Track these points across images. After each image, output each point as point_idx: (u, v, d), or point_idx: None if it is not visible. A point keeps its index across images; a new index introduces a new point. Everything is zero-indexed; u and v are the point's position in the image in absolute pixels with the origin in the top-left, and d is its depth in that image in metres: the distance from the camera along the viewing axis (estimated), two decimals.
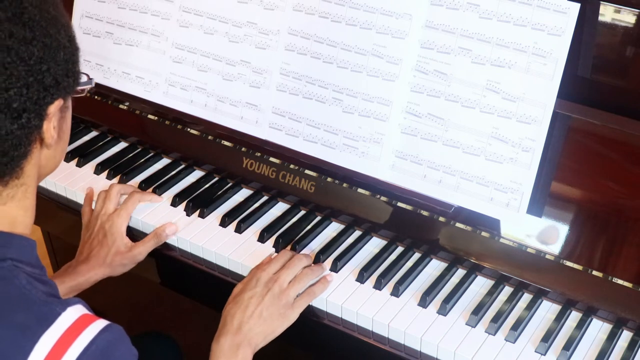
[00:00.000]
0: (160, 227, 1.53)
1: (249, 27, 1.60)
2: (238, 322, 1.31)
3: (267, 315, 1.32)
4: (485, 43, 1.37)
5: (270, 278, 1.37)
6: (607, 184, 1.34)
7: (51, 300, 0.99)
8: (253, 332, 1.31)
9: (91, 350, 0.96)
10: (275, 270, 1.38)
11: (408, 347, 1.32)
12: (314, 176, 1.55)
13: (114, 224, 1.51)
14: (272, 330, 1.32)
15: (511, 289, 1.38)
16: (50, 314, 0.97)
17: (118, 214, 1.52)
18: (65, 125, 1.11)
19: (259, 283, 1.36)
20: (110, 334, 0.99)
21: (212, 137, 1.67)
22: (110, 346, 0.98)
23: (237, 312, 1.32)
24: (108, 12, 1.77)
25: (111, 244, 1.49)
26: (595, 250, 1.33)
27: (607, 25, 1.34)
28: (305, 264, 1.41)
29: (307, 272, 1.39)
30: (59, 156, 1.13)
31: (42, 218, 1.88)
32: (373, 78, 1.47)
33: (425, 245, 1.46)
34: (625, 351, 1.27)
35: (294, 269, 1.38)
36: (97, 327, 0.98)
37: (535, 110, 1.34)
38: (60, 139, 1.10)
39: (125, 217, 1.53)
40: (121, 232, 1.51)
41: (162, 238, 1.52)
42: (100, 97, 1.82)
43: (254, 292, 1.34)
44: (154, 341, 1.71)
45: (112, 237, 1.50)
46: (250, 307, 1.32)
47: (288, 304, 1.35)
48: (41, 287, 1.01)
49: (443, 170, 1.42)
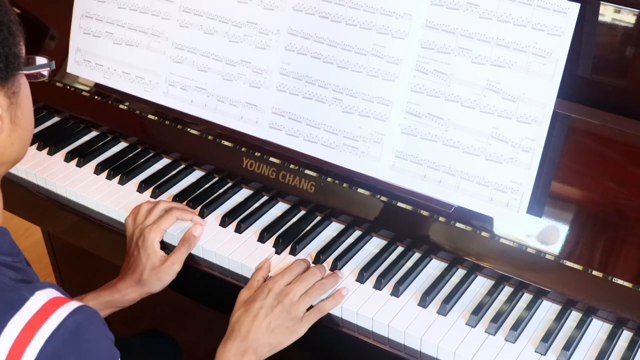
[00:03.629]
0: (188, 232, 1.49)
1: (249, 27, 1.60)
2: (246, 330, 1.31)
3: (275, 327, 1.32)
4: (485, 43, 1.37)
5: (282, 290, 1.35)
6: (607, 184, 1.34)
7: (19, 285, 0.98)
8: (259, 342, 1.30)
9: (60, 332, 0.94)
10: (287, 282, 1.37)
11: (408, 347, 1.32)
12: (314, 176, 1.55)
13: (147, 240, 1.47)
14: (279, 342, 1.32)
15: (511, 289, 1.38)
16: (18, 299, 0.96)
17: (151, 229, 1.47)
18: (19, 112, 1.09)
19: (270, 294, 1.34)
20: (80, 316, 0.97)
21: (212, 137, 1.67)
22: (80, 328, 0.96)
23: (246, 320, 1.32)
24: (108, 12, 1.77)
25: (145, 261, 1.46)
26: (595, 250, 1.33)
27: (607, 25, 1.34)
28: (319, 278, 1.39)
29: (319, 286, 1.37)
30: (18, 144, 1.11)
31: (42, 218, 1.90)
32: (373, 78, 1.47)
33: (425, 245, 1.46)
34: (625, 351, 1.27)
35: (307, 283, 1.37)
36: (67, 309, 0.97)
37: (535, 110, 1.34)
38: (17, 125, 1.08)
39: (159, 232, 1.48)
40: (154, 247, 1.47)
41: (192, 242, 1.49)
42: (100, 97, 1.82)
43: (264, 303, 1.33)
44: (154, 340, 1.71)
45: (145, 253, 1.46)
46: (259, 317, 1.32)
47: (297, 317, 1.34)
48: (10, 274, 1.00)
49: (443, 170, 1.42)
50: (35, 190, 1.74)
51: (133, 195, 1.64)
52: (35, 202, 1.75)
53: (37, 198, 1.73)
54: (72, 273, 2.33)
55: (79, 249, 2.05)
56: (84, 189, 1.67)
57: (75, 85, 1.86)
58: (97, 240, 1.75)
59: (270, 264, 1.44)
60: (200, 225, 1.51)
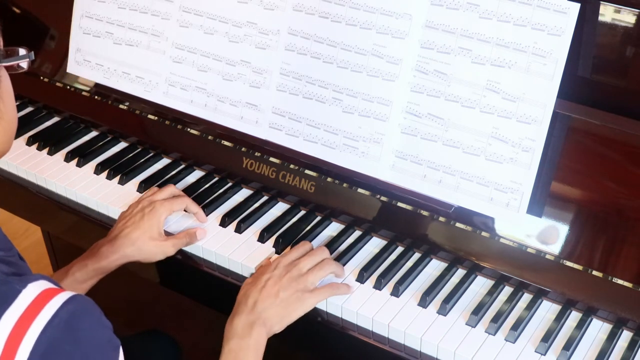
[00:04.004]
0: (193, 229, 1.50)
1: (249, 27, 1.60)
2: (253, 301, 1.30)
3: (284, 296, 1.31)
4: (485, 43, 1.37)
5: (290, 262, 1.37)
6: (607, 184, 1.34)
7: (11, 279, 0.97)
8: (268, 313, 1.29)
9: (55, 322, 0.93)
10: (295, 258, 1.39)
11: (408, 347, 1.32)
12: (314, 176, 1.55)
13: (156, 210, 1.47)
14: (288, 313, 1.31)
15: (511, 289, 1.38)
16: (10, 293, 0.95)
17: (162, 204, 1.48)
18: (2, 105, 1.07)
19: (279, 267, 1.35)
20: (74, 305, 0.96)
21: (212, 137, 1.67)
22: (75, 317, 0.95)
23: (253, 291, 1.31)
24: (108, 12, 1.77)
25: (147, 228, 1.46)
26: (595, 250, 1.33)
27: (607, 25, 1.34)
28: (326, 257, 1.41)
29: (329, 261, 1.39)
30: (2, 137, 1.09)
31: (42, 218, 1.90)
32: (373, 78, 1.47)
33: (425, 245, 1.46)
34: (625, 351, 1.27)
35: (315, 258, 1.38)
36: (61, 299, 0.95)
37: (535, 110, 1.34)
38: (0, 119, 1.07)
39: (169, 209, 1.49)
40: (160, 220, 1.47)
41: (193, 239, 1.49)
42: (100, 97, 1.82)
43: (272, 274, 1.34)
44: (154, 340, 1.71)
45: (149, 221, 1.46)
46: (267, 288, 1.31)
47: (306, 288, 1.33)
48: (2, 268, 0.99)
49: (443, 170, 1.42)
50: (35, 190, 1.74)
51: (133, 195, 1.64)
52: (35, 202, 1.75)
53: (37, 198, 1.73)
54: None
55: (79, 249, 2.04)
56: (84, 189, 1.67)
57: (75, 85, 1.86)
58: (97, 240, 1.74)
59: None
60: (203, 231, 1.51)
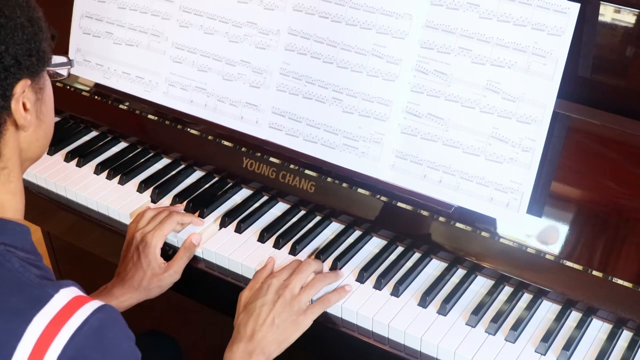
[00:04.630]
0: (187, 240, 1.49)
1: (249, 27, 1.60)
2: (251, 330, 1.30)
3: (280, 322, 1.31)
4: (485, 43, 1.37)
5: (281, 284, 1.35)
6: (607, 184, 1.34)
7: (44, 282, 0.99)
8: (266, 340, 1.30)
9: (84, 330, 0.96)
10: (285, 277, 1.37)
11: (408, 347, 1.32)
12: (314, 176, 1.55)
13: (149, 246, 1.45)
14: (285, 337, 1.31)
15: (511, 289, 1.38)
16: (43, 296, 0.97)
17: (153, 235, 1.46)
18: (44, 108, 1.10)
19: (270, 290, 1.34)
20: (103, 314, 0.98)
21: (212, 137, 1.67)
22: (103, 326, 0.98)
23: (250, 320, 1.31)
24: (108, 12, 1.77)
25: (146, 267, 1.45)
26: (595, 250, 1.33)
27: (607, 25, 1.34)
28: (315, 269, 1.40)
29: (319, 277, 1.38)
30: (42, 140, 1.12)
31: (42, 218, 1.90)
32: (373, 78, 1.47)
33: (425, 245, 1.46)
34: (625, 351, 1.27)
35: (304, 274, 1.37)
36: (91, 307, 0.98)
37: (535, 110, 1.34)
38: (41, 121, 1.10)
39: (161, 238, 1.47)
40: (155, 254, 1.46)
41: (192, 250, 1.49)
42: (100, 97, 1.82)
43: (265, 300, 1.33)
44: (154, 341, 1.71)
45: (146, 259, 1.45)
46: (262, 315, 1.31)
47: (300, 310, 1.33)
48: (34, 271, 1.01)
49: (443, 170, 1.42)
50: (35, 190, 1.74)
51: (133, 195, 1.64)
52: (35, 202, 1.75)
53: (37, 198, 1.73)
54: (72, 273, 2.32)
55: (79, 249, 2.05)
56: (83, 189, 1.67)
57: (75, 85, 1.86)
58: (97, 240, 1.75)
59: (274, 264, 1.43)
60: (198, 234, 1.50)
